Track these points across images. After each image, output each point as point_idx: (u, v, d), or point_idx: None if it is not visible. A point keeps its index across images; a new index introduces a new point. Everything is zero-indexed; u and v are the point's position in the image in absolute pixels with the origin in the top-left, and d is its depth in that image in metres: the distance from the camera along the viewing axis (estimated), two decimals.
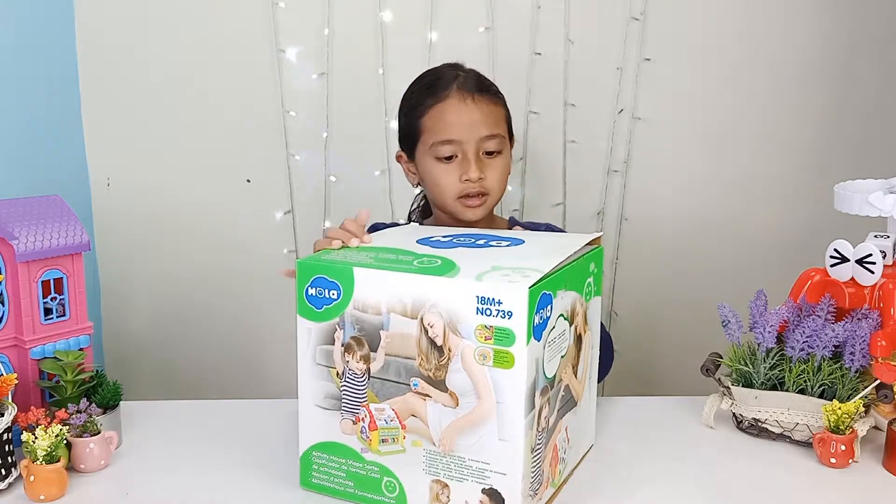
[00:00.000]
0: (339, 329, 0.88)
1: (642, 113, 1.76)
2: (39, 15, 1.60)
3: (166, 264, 1.82)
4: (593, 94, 1.75)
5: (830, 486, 0.94)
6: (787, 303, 1.12)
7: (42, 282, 1.02)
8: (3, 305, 1.01)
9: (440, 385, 0.84)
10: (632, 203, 1.81)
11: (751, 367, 1.07)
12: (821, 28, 1.76)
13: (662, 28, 1.73)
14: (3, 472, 0.91)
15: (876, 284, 1.08)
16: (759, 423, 1.06)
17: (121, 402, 1.04)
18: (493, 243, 0.96)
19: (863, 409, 1.00)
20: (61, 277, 1.04)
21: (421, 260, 0.87)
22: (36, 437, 0.89)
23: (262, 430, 1.10)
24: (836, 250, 1.10)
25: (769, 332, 1.06)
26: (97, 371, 1.06)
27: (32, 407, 0.96)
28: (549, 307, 0.84)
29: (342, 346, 0.88)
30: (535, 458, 0.84)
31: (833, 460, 0.97)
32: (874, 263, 1.07)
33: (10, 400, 0.94)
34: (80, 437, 0.96)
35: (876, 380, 1.02)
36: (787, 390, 1.04)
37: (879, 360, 1.02)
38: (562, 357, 0.89)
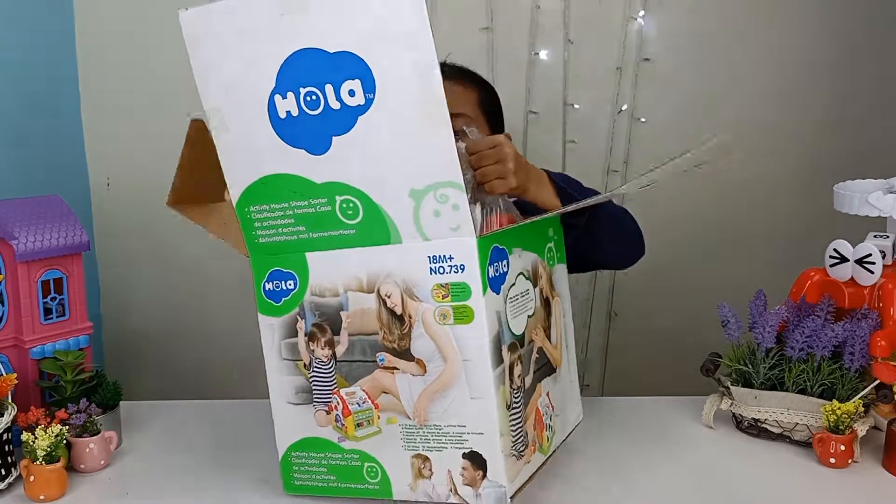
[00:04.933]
0: (300, 319, 0.88)
1: (642, 113, 1.76)
2: (39, 15, 1.60)
3: (166, 264, 1.82)
4: (593, 94, 1.75)
5: (830, 486, 0.94)
6: (786, 303, 1.12)
7: (42, 282, 1.02)
8: (3, 305, 1.01)
9: (406, 355, 0.83)
10: (631, 203, 1.81)
11: (750, 367, 1.07)
12: (821, 28, 1.76)
13: (662, 28, 1.73)
14: (3, 472, 0.91)
15: (875, 284, 1.08)
16: (759, 423, 1.06)
17: (121, 402, 1.04)
18: None
19: (862, 409, 1.00)
20: (61, 277, 1.04)
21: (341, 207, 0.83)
22: (36, 437, 0.89)
23: (261, 430, 1.10)
24: (835, 250, 1.10)
25: (769, 332, 1.06)
26: (97, 371, 1.06)
27: (32, 407, 0.96)
28: (504, 262, 0.84)
29: (305, 335, 0.88)
30: (514, 418, 0.84)
31: (833, 460, 0.97)
32: (874, 263, 1.07)
33: (10, 400, 0.94)
34: (80, 436, 0.96)
35: (875, 380, 1.02)
36: (786, 390, 1.04)
37: (879, 360, 1.02)
38: (529, 317, 0.89)
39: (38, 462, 0.89)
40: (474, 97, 1.27)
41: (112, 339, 1.83)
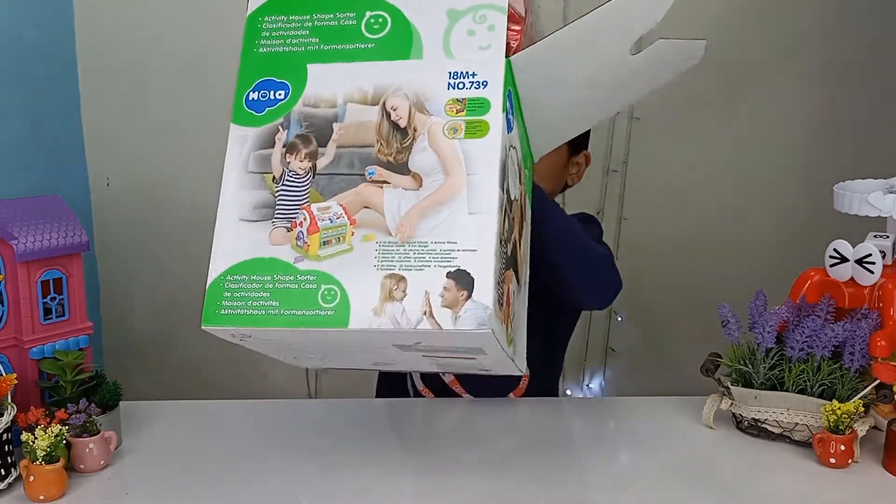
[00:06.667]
0: (281, 130, 0.80)
1: (641, 113, 1.76)
2: (39, 15, 1.60)
3: (166, 264, 1.82)
4: None
5: (830, 486, 0.94)
6: (786, 303, 1.12)
7: (42, 282, 1.02)
8: (3, 305, 1.01)
9: (401, 168, 0.77)
10: (631, 203, 1.81)
11: (750, 367, 1.07)
12: (820, 27, 1.76)
13: (662, 28, 1.73)
14: (3, 472, 0.91)
15: (875, 284, 1.08)
16: (759, 423, 1.06)
17: (120, 402, 1.04)
18: None
19: (862, 409, 1.00)
20: (61, 277, 1.04)
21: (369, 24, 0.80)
22: (35, 438, 0.89)
23: (261, 430, 1.10)
24: (835, 250, 1.10)
25: (769, 332, 1.06)
26: (97, 371, 1.06)
27: (32, 407, 0.96)
28: (511, 112, 0.81)
29: (284, 146, 0.80)
30: (500, 262, 0.77)
31: (833, 460, 0.97)
32: (874, 263, 1.07)
33: (9, 400, 0.94)
34: (80, 437, 0.96)
35: (875, 380, 1.02)
36: (786, 390, 1.04)
37: (879, 360, 1.02)
38: (516, 199, 0.85)
39: (37, 462, 0.89)
40: None
41: (112, 339, 1.83)
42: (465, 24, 0.78)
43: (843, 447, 0.97)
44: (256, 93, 0.81)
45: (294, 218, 0.78)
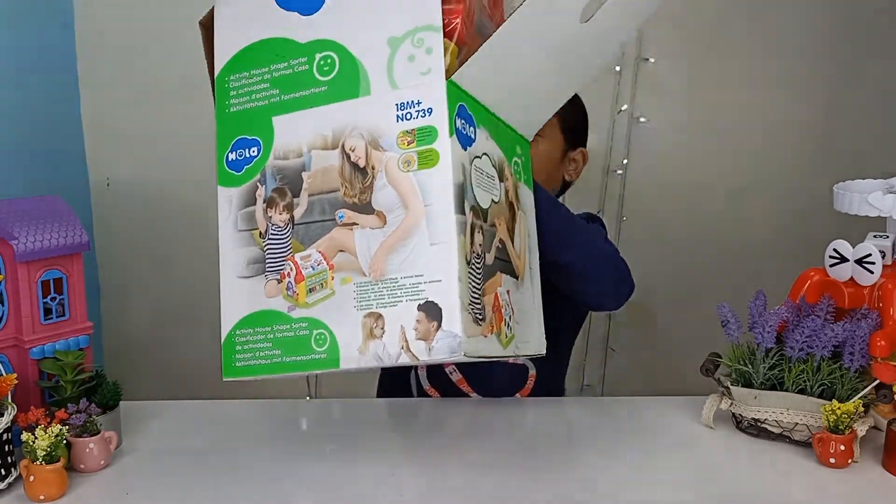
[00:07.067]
0: (260, 186, 0.86)
1: (642, 113, 1.76)
2: (39, 15, 1.60)
3: (166, 264, 1.82)
4: (593, 94, 1.75)
5: (830, 486, 0.94)
6: (786, 303, 1.12)
7: (42, 282, 1.02)
8: (3, 305, 1.01)
9: (366, 209, 0.81)
10: (631, 203, 1.81)
11: (750, 367, 1.07)
12: (821, 27, 1.76)
13: (662, 28, 1.73)
14: (3, 472, 0.91)
15: (875, 284, 1.08)
16: (759, 423, 1.06)
17: (121, 402, 1.04)
18: None
19: (862, 409, 1.00)
20: (61, 277, 1.04)
21: (319, 66, 0.84)
22: (36, 437, 0.89)
23: (261, 430, 1.10)
24: (835, 250, 1.10)
25: (768, 332, 1.06)
26: (97, 371, 1.06)
27: (32, 407, 0.96)
28: (471, 127, 0.83)
29: (264, 202, 0.86)
30: (472, 276, 0.81)
31: (832, 460, 0.97)
32: (873, 263, 1.07)
33: (9, 400, 0.94)
34: (80, 437, 0.96)
35: (875, 380, 1.02)
36: (786, 390, 1.04)
37: (879, 360, 1.02)
38: (494, 202, 0.87)
39: (38, 462, 0.89)
40: (556, 118, 1.17)
41: (112, 339, 1.83)
42: (406, 50, 0.80)
43: (842, 447, 0.97)
44: (234, 153, 0.87)
45: (282, 269, 0.84)
